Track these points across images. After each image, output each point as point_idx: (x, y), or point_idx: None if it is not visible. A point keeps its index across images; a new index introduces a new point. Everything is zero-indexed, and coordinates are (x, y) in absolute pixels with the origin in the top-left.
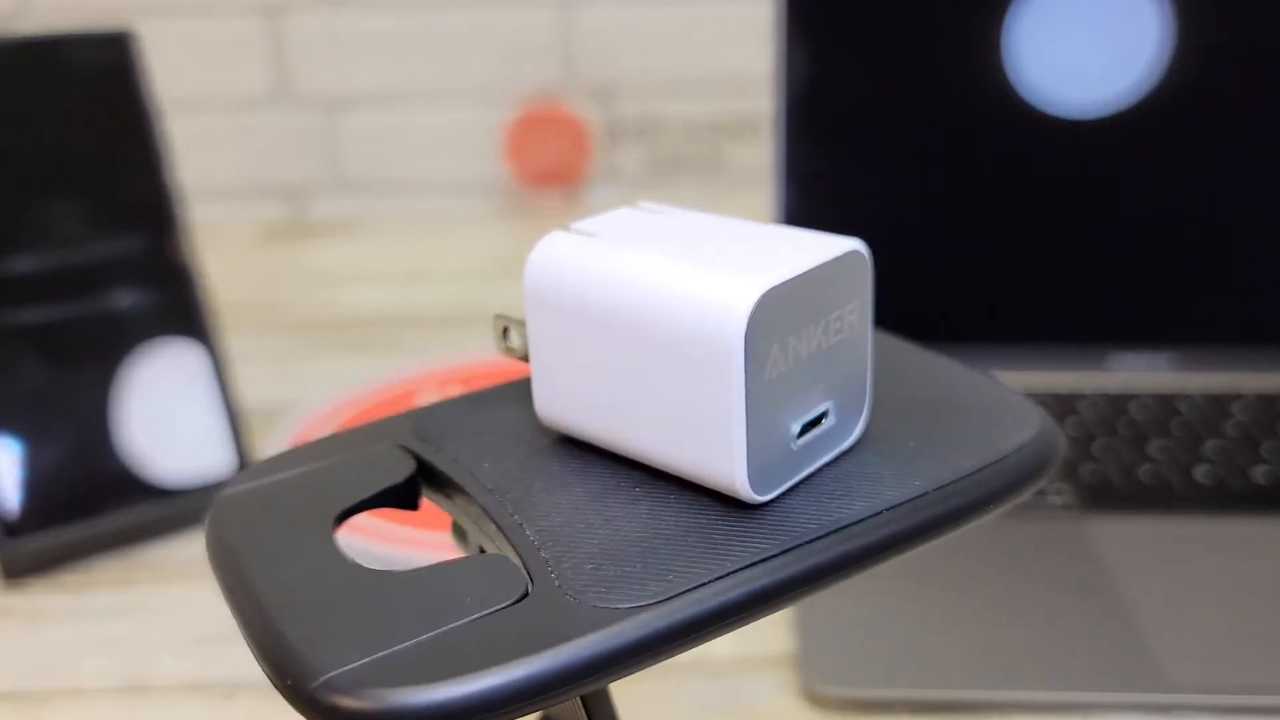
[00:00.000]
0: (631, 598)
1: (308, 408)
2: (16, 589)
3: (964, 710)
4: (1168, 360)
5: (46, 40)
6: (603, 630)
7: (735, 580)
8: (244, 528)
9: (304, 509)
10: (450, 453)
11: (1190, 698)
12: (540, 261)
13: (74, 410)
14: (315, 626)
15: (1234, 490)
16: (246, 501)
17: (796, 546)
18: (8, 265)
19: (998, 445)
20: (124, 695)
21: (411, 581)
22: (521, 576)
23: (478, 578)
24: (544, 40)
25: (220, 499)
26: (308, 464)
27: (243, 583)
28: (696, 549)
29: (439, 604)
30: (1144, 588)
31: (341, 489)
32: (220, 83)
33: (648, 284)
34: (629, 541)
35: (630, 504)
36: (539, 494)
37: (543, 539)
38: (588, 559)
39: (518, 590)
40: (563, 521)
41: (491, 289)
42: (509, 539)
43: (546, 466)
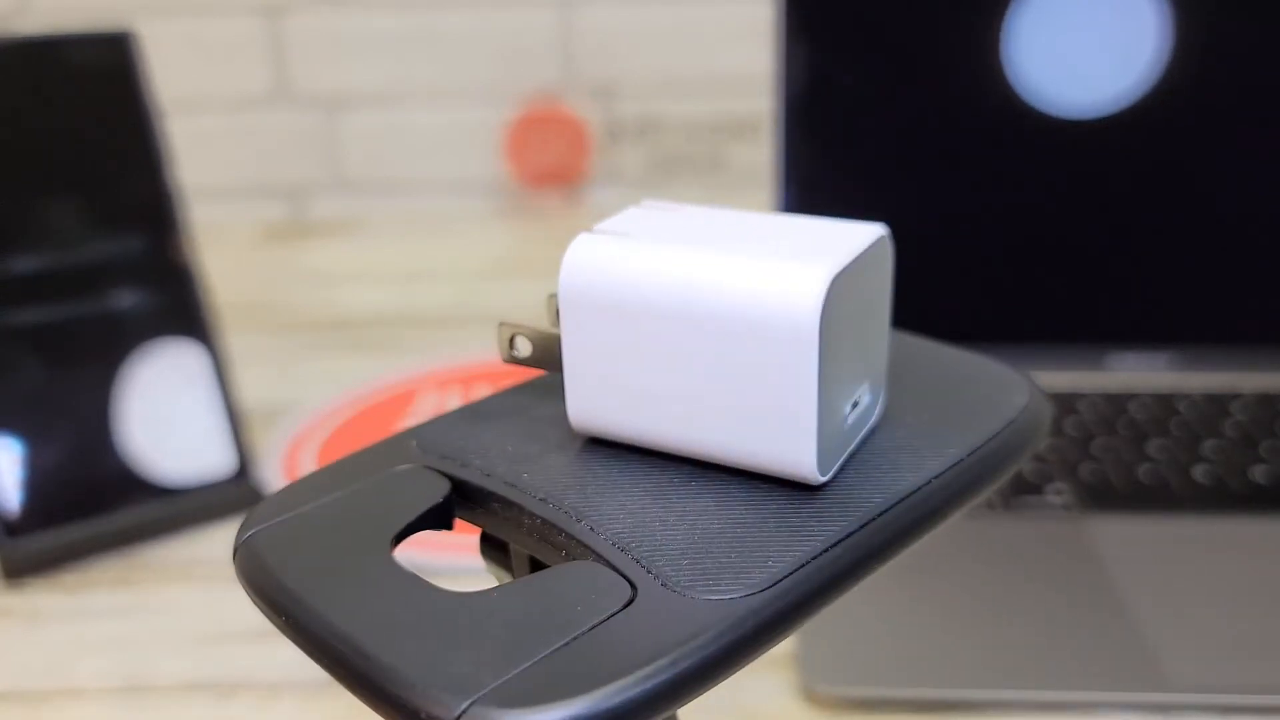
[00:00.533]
0: (740, 587)
1: (308, 407)
2: (16, 589)
3: (963, 709)
4: (1167, 360)
5: (47, 40)
6: (728, 621)
7: (829, 559)
8: (292, 565)
9: (350, 539)
10: (480, 467)
11: (1189, 697)
12: (578, 265)
13: (74, 410)
14: (431, 656)
15: (1233, 490)
16: (280, 537)
17: (871, 520)
18: (8, 265)
19: (1003, 410)
20: (124, 695)
21: (510, 599)
22: (619, 580)
23: (577, 587)
24: (544, 40)
25: (250, 540)
26: (327, 494)
27: (319, 622)
28: (780, 534)
29: (550, 618)
30: (1143, 587)
31: (382, 515)
32: (220, 83)
33: (708, 278)
34: (711, 534)
35: (693, 498)
36: (596, 497)
37: (622, 540)
38: (679, 555)
39: (623, 594)
40: (634, 522)
41: (491, 289)
42: (585, 545)
43: (591, 470)
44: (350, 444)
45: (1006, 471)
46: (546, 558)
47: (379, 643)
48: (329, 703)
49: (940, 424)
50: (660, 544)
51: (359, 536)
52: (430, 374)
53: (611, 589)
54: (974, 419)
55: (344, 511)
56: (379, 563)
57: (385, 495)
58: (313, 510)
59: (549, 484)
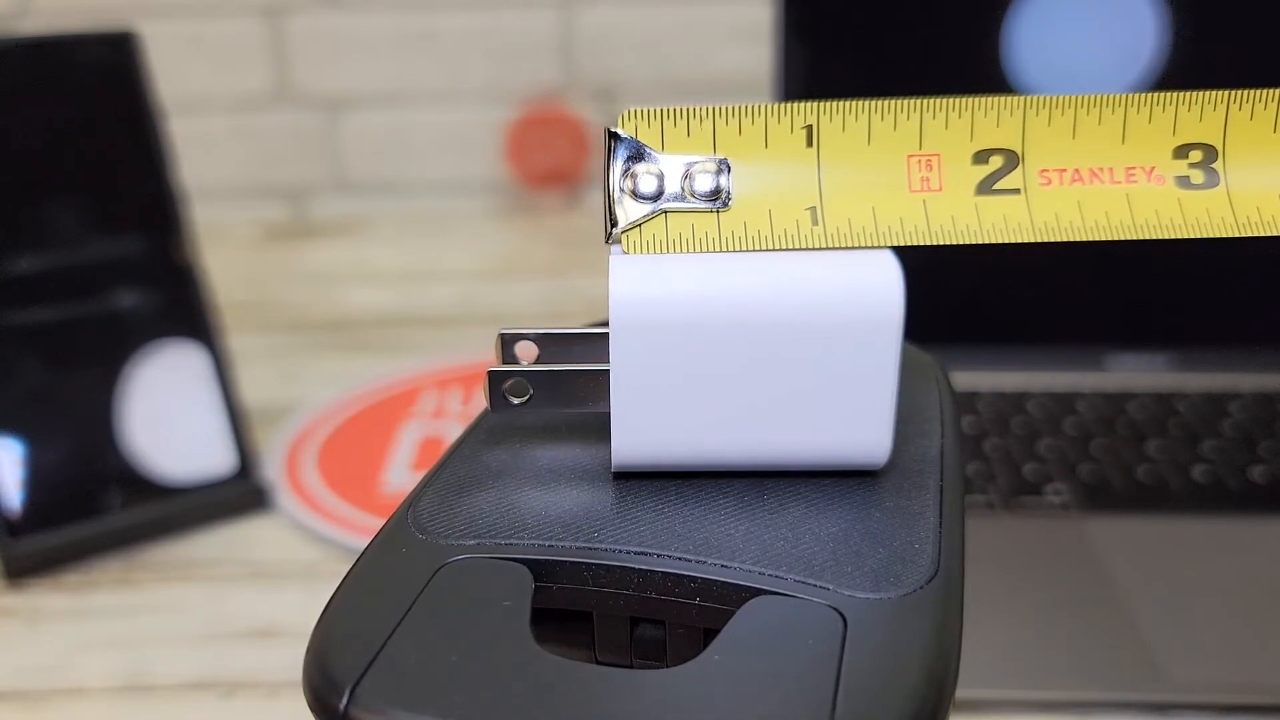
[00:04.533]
0: (918, 577)
1: (309, 407)
2: (18, 589)
3: (962, 709)
4: (1166, 360)
5: (48, 41)
6: (947, 610)
7: (947, 530)
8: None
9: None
10: (535, 539)
11: (1187, 696)
12: (628, 292)
13: (76, 410)
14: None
15: (1231, 490)
16: (394, 680)
17: (941, 488)
18: (10, 266)
19: (924, 371)
20: (124, 695)
21: (732, 665)
22: (815, 606)
23: (784, 630)
24: (544, 41)
25: (358, 700)
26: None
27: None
28: (894, 521)
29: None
30: (1141, 587)
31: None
32: (222, 83)
33: (780, 280)
34: (837, 537)
35: (782, 510)
36: (693, 535)
37: (769, 567)
38: (837, 564)
39: (828, 618)
40: (758, 546)
41: (491, 289)
42: (728, 583)
43: (658, 510)
44: (351, 444)
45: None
46: (663, 614)
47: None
48: None
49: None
50: (805, 560)
51: (492, 646)
52: (431, 374)
53: (816, 617)
54: (915, 390)
55: (448, 627)
56: (543, 666)
57: (475, 597)
58: (405, 639)
59: (633, 535)
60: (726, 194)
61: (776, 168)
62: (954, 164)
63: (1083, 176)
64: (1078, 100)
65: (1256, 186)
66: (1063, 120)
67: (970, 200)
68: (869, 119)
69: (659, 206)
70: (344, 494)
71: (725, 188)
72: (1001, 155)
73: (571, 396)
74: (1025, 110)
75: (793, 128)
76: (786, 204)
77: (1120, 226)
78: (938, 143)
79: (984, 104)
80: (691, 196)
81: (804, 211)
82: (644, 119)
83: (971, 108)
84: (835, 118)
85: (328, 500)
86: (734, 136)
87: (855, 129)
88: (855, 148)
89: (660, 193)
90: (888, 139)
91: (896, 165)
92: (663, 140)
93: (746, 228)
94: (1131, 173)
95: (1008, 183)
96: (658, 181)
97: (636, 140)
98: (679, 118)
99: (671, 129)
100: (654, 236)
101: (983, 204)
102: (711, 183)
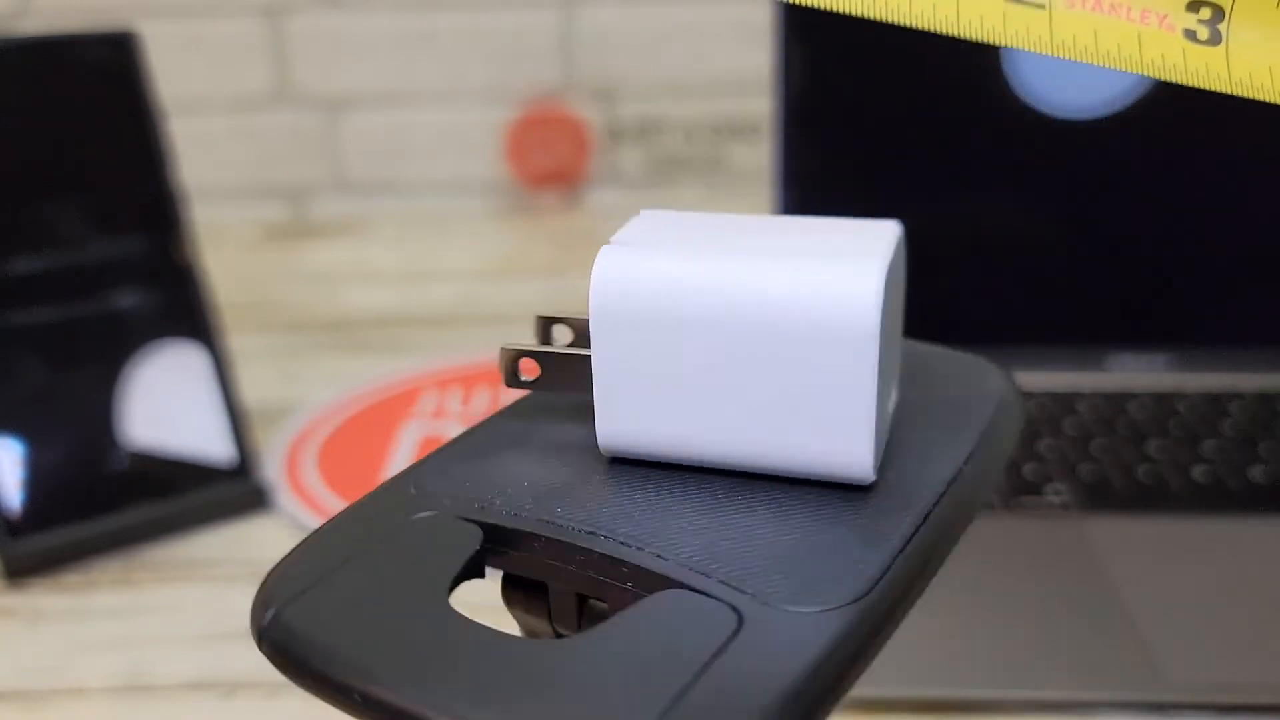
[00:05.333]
0: (842, 595)
1: (309, 407)
2: (18, 589)
3: (963, 709)
4: (1166, 360)
5: (49, 41)
6: (847, 630)
7: (907, 556)
8: (347, 638)
9: (401, 601)
10: (504, 507)
11: (1187, 696)
12: (609, 280)
13: (76, 410)
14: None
15: (1231, 490)
16: (318, 610)
17: (930, 512)
18: (10, 266)
19: (988, 395)
20: (125, 695)
21: (610, 642)
22: (717, 604)
23: (676, 619)
24: (545, 41)
25: (280, 618)
26: (341, 556)
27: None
28: (852, 539)
29: (666, 656)
30: (1141, 587)
31: (423, 570)
32: (221, 83)
33: (755, 283)
34: (786, 546)
35: (749, 512)
36: (649, 523)
37: (699, 564)
38: (766, 571)
39: (726, 618)
40: (702, 542)
41: (492, 289)
42: (656, 573)
43: (629, 495)
44: (351, 444)
45: (1007, 454)
46: (603, 594)
47: (482, 706)
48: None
49: (938, 413)
50: (740, 562)
51: (409, 597)
52: (431, 374)
53: (713, 615)
54: (968, 407)
55: (379, 572)
56: (446, 621)
57: (417, 550)
58: (341, 576)
59: (590, 515)
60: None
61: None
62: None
63: (1103, 6)
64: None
65: (1253, 54)
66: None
67: (1000, 5)
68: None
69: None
70: (344, 494)
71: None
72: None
73: (570, 378)
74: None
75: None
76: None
77: (1129, 59)
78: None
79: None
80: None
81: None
82: None
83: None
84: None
85: (328, 500)
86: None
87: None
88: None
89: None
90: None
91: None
92: None
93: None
94: (1146, 15)
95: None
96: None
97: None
98: None
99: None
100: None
101: (1010, 10)
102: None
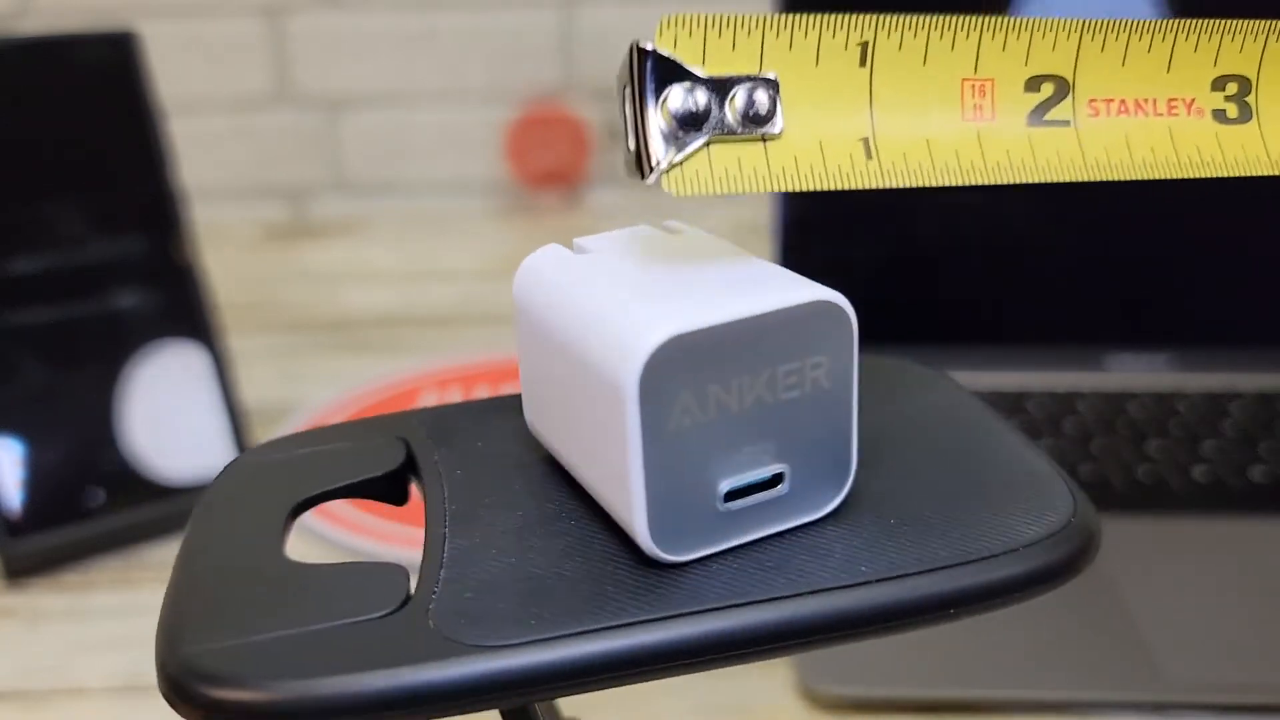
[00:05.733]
0: (481, 636)
1: (309, 407)
2: (18, 589)
3: (964, 709)
4: (1166, 360)
5: (48, 40)
6: (432, 663)
7: (603, 637)
8: (223, 496)
9: (279, 488)
10: (444, 455)
11: (1187, 696)
12: (525, 270)
13: (76, 410)
14: (202, 606)
15: (1232, 490)
16: (244, 472)
17: (690, 614)
18: (10, 266)
19: (991, 539)
20: (125, 695)
21: (307, 577)
22: (405, 590)
23: (368, 583)
24: (545, 40)
25: (229, 465)
26: (317, 445)
27: (184, 550)
28: (582, 597)
29: (318, 602)
30: (1142, 587)
31: (323, 473)
32: (221, 83)
33: (582, 315)
34: (523, 576)
35: (555, 537)
36: (481, 510)
37: (452, 557)
38: (471, 587)
39: (395, 603)
40: (480, 543)
41: (491, 289)
42: (428, 551)
43: (508, 484)
44: None
45: (941, 614)
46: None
47: (189, 581)
48: None
49: (896, 533)
50: (471, 570)
51: (285, 488)
52: (431, 374)
53: (390, 595)
54: (947, 537)
55: (298, 464)
56: (272, 516)
57: (342, 459)
58: (283, 458)
59: (464, 486)
60: (776, 119)
61: (827, 89)
62: (1007, 90)
63: (1128, 108)
64: (1131, 25)
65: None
66: (1115, 46)
67: (1024, 132)
68: (927, 36)
69: (702, 138)
70: None
71: (775, 112)
72: (1053, 83)
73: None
74: (1081, 34)
75: (847, 43)
76: (838, 134)
77: (1166, 164)
78: (993, 66)
79: (1041, 25)
80: (739, 123)
81: (857, 144)
82: (684, 27)
83: (1030, 28)
84: (893, 34)
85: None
86: (784, 51)
87: (912, 47)
88: (910, 69)
89: (704, 119)
90: (944, 60)
91: (951, 90)
92: (704, 54)
93: (798, 163)
94: (1173, 105)
95: (1058, 113)
96: (700, 107)
97: (673, 57)
98: (724, 27)
99: (715, 41)
100: (697, 174)
101: (1036, 137)
102: (760, 106)
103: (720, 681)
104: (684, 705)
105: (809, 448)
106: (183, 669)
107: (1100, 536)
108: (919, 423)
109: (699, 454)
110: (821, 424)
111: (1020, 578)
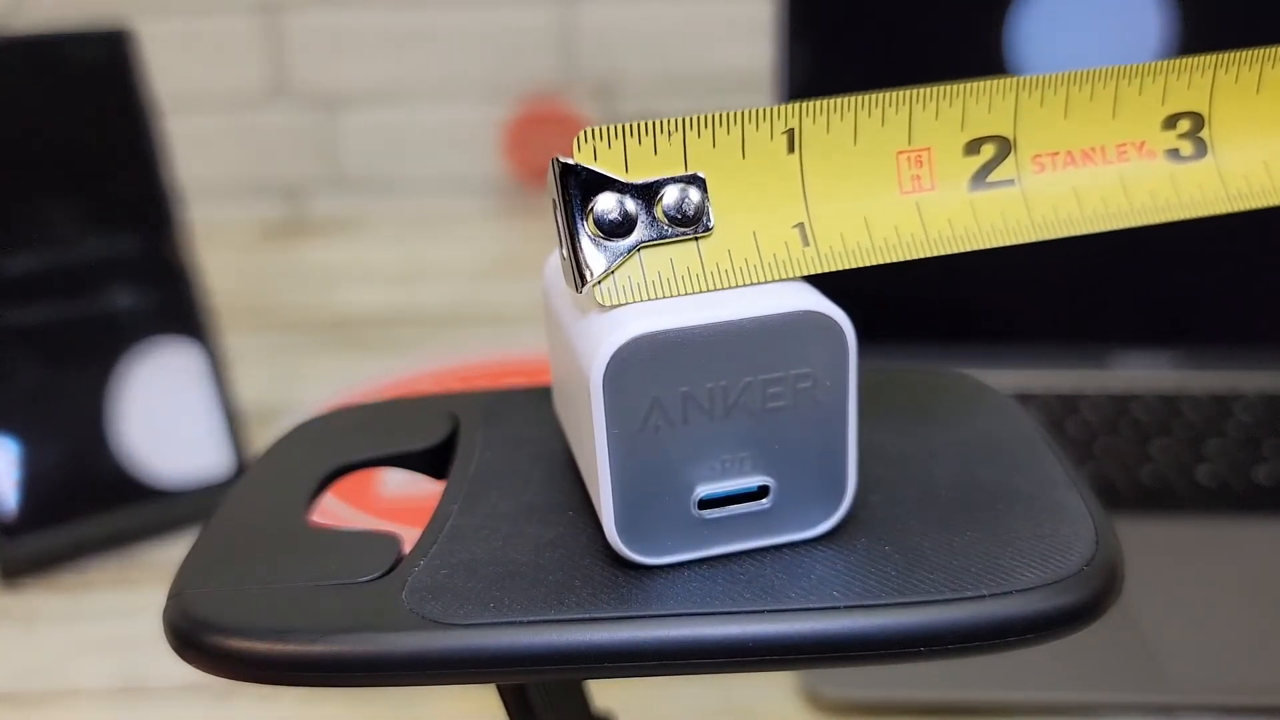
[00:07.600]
0: (441, 612)
1: (306, 407)
2: (13, 590)
3: (967, 712)
4: (1170, 360)
5: (43, 38)
6: (388, 633)
7: (553, 629)
8: (273, 456)
9: (321, 454)
10: (485, 436)
11: (1191, 698)
12: (550, 263)
13: (71, 410)
14: (212, 554)
15: (1236, 490)
16: (300, 435)
17: (642, 617)
18: (4, 265)
19: (986, 579)
20: (122, 696)
21: (311, 539)
22: (392, 560)
23: (361, 550)
24: (544, 38)
25: (294, 428)
26: (376, 416)
27: (221, 504)
28: (547, 588)
29: (310, 563)
30: (1145, 588)
31: (368, 442)
32: (218, 81)
33: (578, 310)
34: (501, 560)
35: (548, 526)
36: (491, 493)
37: (449, 534)
38: (450, 564)
39: (379, 571)
40: (478, 524)
41: (491, 288)
42: (430, 525)
43: (529, 470)
44: None
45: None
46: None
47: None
48: (328, 704)
49: (886, 561)
50: (459, 549)
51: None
52: (429, 373)
53: (377, 564)
54: (936, 572)
55: (351, 430)
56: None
57: (390, 432)
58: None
59: (486, 467)
60: (707, 216)
61: (757, 180)
62: (945, 157)
63: (1075, 159)
64: (1070, 77)
65: (1242, 155)
66: (1055, 99)
67: (965, 199)
68: (855, 116)
69: (631, 244)
70: (342, 495)
71: (705, 209)
72: (994, 143)
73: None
74: (1018, 92)
75: (772, 134)
76: (772, 223)
77: (1118, 214)
78: (928, 135)
79: (975, 89)
80: (667, 226)
81: (792, 231)
82: (602, 139)
83: (963, 94)
84: (819, 118)
85: (325, 501)
86: (708, 150)
87: (840, 129)
88: (840, 149)
89: (631, 227)
90: (875, 136)
91: (886, 165)
92: (626, 163)
93: (732, 257)
94: (1123, 150)
95: (1001, 173)
96: (626, 215)
97: (595, 169)
98: (643, 134)
99: (636, 148)
100: (629, 280)
101: (978, 201)
102: (689, 206)
103: (720, 682)
104: (683, 706)
105: (798, 463)
106: (174, 605)
107: (1113, 595)
108: (958, 447)
109: (672, 456)
110: (813, 440)
111: (1000, 623)
